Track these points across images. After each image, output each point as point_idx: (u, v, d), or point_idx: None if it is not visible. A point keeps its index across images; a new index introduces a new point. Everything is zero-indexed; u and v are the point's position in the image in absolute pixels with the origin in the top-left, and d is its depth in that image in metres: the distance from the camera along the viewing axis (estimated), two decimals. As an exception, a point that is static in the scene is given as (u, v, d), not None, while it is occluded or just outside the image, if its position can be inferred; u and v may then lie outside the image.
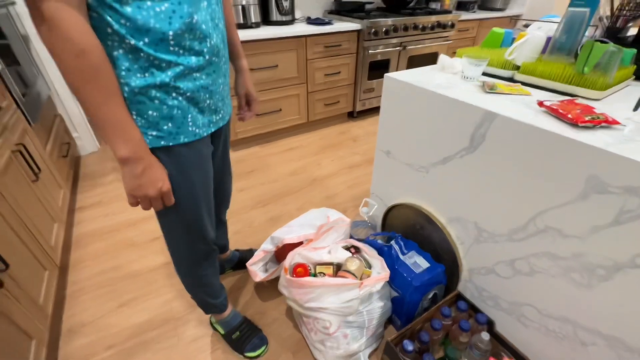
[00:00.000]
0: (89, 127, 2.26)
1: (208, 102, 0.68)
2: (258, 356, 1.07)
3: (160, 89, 0.59)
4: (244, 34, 1.90)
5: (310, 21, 2.36)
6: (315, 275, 1.04)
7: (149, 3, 0.52)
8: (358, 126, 2.73)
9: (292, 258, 1.05)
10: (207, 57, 0.63)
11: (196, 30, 0.59)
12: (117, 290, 1.30)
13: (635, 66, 0.99)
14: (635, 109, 0.78)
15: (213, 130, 0.73)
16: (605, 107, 0.81)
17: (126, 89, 0.56)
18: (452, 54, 3.08)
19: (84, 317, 1.20)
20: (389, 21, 2.39)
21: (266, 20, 2.25)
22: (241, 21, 2.06)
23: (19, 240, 1.05)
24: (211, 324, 1.15)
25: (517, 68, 1.03)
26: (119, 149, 0.55)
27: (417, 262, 1.09)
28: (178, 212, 0.74)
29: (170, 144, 0.64)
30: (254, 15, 2.09)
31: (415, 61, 2.77)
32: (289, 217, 1.69)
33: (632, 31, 1.15)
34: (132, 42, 0.53)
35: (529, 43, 1.00)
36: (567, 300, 0.79)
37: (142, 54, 0.55)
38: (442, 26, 2.69)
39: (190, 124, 0.65)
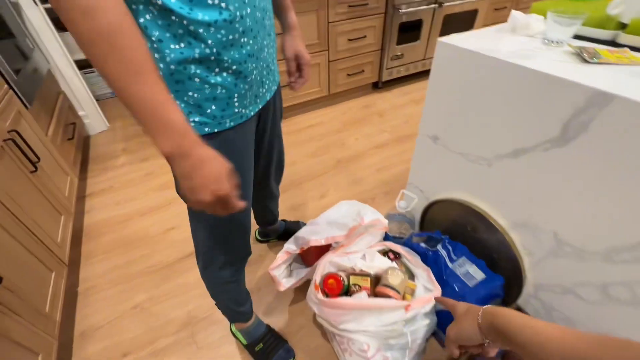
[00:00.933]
0: (96, 104, 2.11)
1: (255, 73, 0.56)
2: None
3: (201, 63, 0.48)
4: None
5: (331, -24, 2.03)
6: (349, 287, 0.89)
7: None
8: (384, 98, 2.46)
9: (321, 269, 0.90)
10: (250, 12, 0.49)
11: None
12: (131, 288, 1.21)
13: None
14: None
15: (260, 106, 0.63)
16: None
17: (161, 65, 0.47)
18: (495, 10, 2.68)
19: (97, 320, 1.12)
20: (425, -28, 2.03)
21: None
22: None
23: (17, 244, 0.94)
24: (232, 332, 1.04)
25: (623, 27, 0.77)
26: (160, 142, 0.41)
27: (470, 272, 0.91)
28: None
29: (216, 129, 0.55)
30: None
31: (453, 21, 2.41)
32: (311, 206, 1.54)
33: None
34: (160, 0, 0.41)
35: (647, -10, 0.73)
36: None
37: (174, 17, 0.43)
38: (485, -23, 2.29)
39: (236, 104, 0.55)
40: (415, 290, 0.87)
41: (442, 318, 0.93)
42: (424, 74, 2.76)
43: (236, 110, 0.56)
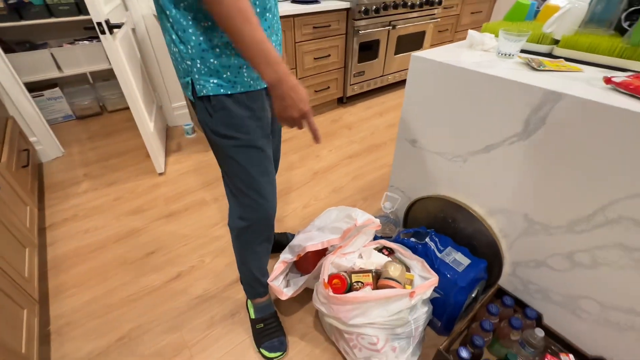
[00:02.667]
0: (49, 128, 1.96)
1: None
2: (271, 359, 1.00)
3: (221, 39, 0.63)
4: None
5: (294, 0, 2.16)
6: (351, 285, 0.93)
7: None
8: (350, 112, 2.60)
9: (327, 269, 0.93)
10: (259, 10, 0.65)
11: None
12: (114, 320, 1.12)
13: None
14: None
15: (265, 86, 0.73)
16: (668, 81, 0.75)
17: (193, 37, 0.62)
18: (439, 32, 3.01)
19: (78, 358, 1.02)
20: (379, -2, 2.24)
21: None
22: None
23: (-15, 279, 0.85)
24: (246, 304, 1.14)
25: (556, 42, 0.95)
26: (265, 73, 0.57)
27: (457, 259, 1.01)
28: (249, 153, 0.76)
29: (229, 92, 0.68)
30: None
31: (405, 41, 2.66)
32: (295, 216, 1.56)
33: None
34: None
35: (571, 14, 0.91)
36: (637, 292, 0.74)
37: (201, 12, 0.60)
38: (429, 3, 2.58)
39: (245, 74, 0.68)
40: (413, 280, 0.93)
41: (436, 306, 1.01)
42: (384, 88, 2.97)
43: (245, 79, 0.68)
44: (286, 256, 1.09)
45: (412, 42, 2.74)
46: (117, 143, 2.18)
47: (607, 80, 0.72)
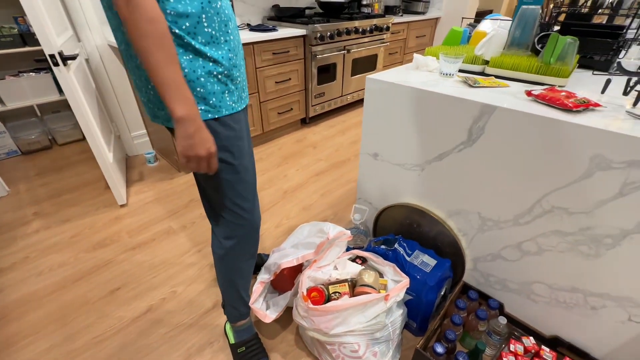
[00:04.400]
0: (-8, 167, 1.81)
1: (239, 79, 0.76)
2: None
3: (205, 71, 0.66)
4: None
5: (252, 28, 2.25)
6: (329, 296, 0.96)
7: None
8: (313, 132, 2.70)
9: (304, 283, 0.95)
10: (232, 39, 0.71)
11: (221, 13, 0.66)
12: (78, 366, 1.04)
13: (578, 55, 1.13)
14: (602, 92, 0.88)
15: (244, 106, 0.79)
16: (574, 91, 0.90)
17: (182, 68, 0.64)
18: (389, 55, 3.26)
19: (38, 414, 0.92)
20: (332, 25, 2.41)
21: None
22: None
23: None
24: (225, 331, 1.12)
25: (486, 62, 1.10)
26: (177, 109, 0.59)
27: (425, 260, 1.08)
28: (234, 170, 0.80)
29: (216, 116, 0.71)
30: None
31: (360, 63, 2.85)
32: (268, 236, 1.57)
33: (556, 27, 1.32)
34: (176, 30, 0.61)
35: (495, 40, 1.07)
36: (576, 272, 0.85)
37: (195, 50, 0.64)
38: (379, 29, 2.81)
39: (227, 98, 0.72)
40: (387, 284, 0.99)
41: (410, 308, 1.07)
42: (344, 107, 3.12)
43: (228, 102, 0.73)
44: (263, 276, 1.10)
45: (367, 64, 2.94)
46: (71, 177, 2.05)
47: (528, 93, 0.86)
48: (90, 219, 1.67)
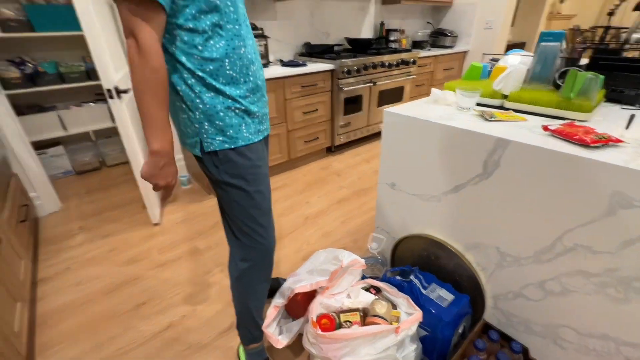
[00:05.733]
0: (51, 184, 2.04)
1: (258, 114, 0.83)
2: None
3: (224, 106, 0.76)
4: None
5: (284, 64, 2.42)
6: (340, 325, 0.96)
7: (211, 42, 0.71)
8: (338, 160, 2.76)
9: (316, 309, 0.96)
10: (252, 80, 0.80)
11: (244, 58, 0.76)
12: (100, 375, 1.10)
13: (604, 90, 1.11)
14: (627, 127, 0.86)
15: (262, 137, 0.86)
16: (596, 127, 0.88)
17: (200, 106, 0.75)
18: (416, 87, 3.32)
19: (61, 418, 0.98)
20: (359, 60, 2.53)
21: (242, 64, 2.27)
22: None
23: (-21, 332, 0.86)
24: (237, 352, 1.14)
25: (505, 97, 1.11)
26: (154, 143, 0.69)
27: (441, 295, 1.05)
28: (249, 196, 0.85)
29: (232, 146, 0.79)
30: (231, 60, 2.10)
31: (385, 95, 2.93)
32: (287, 260, 1.60)
33: (584, 60, 1.31)
34: (200, 73, 0.72)
35: (514, 75, 1.09)
36: (605, 317, 0.79)
37: (216, 89, 0.74)
38: (405, 63, 2.91)
39: (244, 131, 0.80)
40: (399, 317, 0.97)
41: (425, 344, 1.03)
42: (369, 137, 3.18)
43: (245, 134, 0.81)
44: (277, 301, 1.12)
45: (393, 95, 3.02)
46: (115, 196, 2.25)
47: (545, 128, 0.85)
48: (126, 235, 1.81)
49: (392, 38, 3.31)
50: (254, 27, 2.24)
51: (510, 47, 4.22)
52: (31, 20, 2.08)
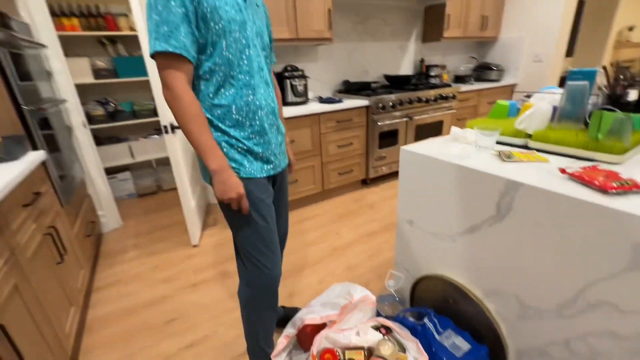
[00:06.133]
0: (116, 204, 2.36)
1: (261, 154, 0.92)
2: None
3: (227, 143, 0.88)
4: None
5: (322, 100, 2.58)
6: (345, 362, 0.94)
7: (222, 90, 0.84)
8: (372, 192, 2.76)
9: (320, 343, 0.97)
10: (259, 124, 0.90)
11: (251, 104, 0.87)
12: (127, 383, 1.20)
13: (646, 130, 1.01)
14: (662, 173, 0.78)
15: (265, 175, 0.94)
16: (629, 171, 0.81)
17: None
18: (457, 120, 3.25)
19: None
20: (394, 96, 2.60)
21: (282, 101, 2.48)
22: (260, 104, 2.28)
23: (35, 328, 1.02)
24: None
25: (530, 136, 1.07)
26: (211, 164, 0.82)
27: (456, 343, 0.98)
28: (252, 227, 0.93)
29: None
30: (272, 99, 2.31)
31: (423, 129, 2.92)
32: (309, 290, 1.61)
33: (633, 96, 1.21)
34: (209, 116, 0.86)
35: (537, 114, 1.05)
36: (644, 391, 0.68)
37: (222, 131, 0.87)
38: (444, 98, 2.89)
39: (247, 166, 0.90)
40: (406, 361, 0.92)
41: (439, 396, 0.95)
42: (406, 171, 3.14)
43: (247, 169, 0.90)
44: (288, 330, 1.14)
45: (431, 129, 2.99)
46: (165, 217, 2.51)
47: (562, 171, 0.81)
48: (169, 255, 1.99)
49: (432, 73, 3.34)
50: (295, 69, 2.45)
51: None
52: (117, 68, 2.54)
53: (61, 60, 1.96)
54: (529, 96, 1.47)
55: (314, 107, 2.36)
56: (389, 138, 2.74)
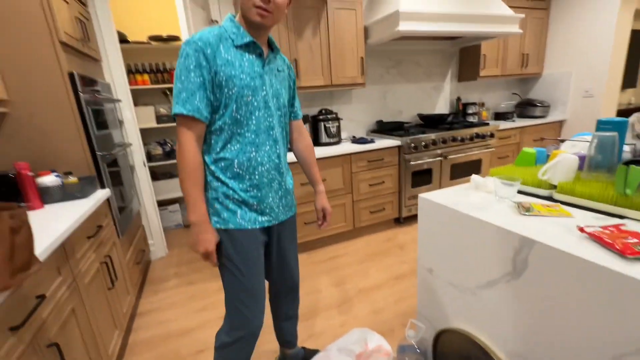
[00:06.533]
0: (164, 234, 2.60)
1: (255, 206, 0.99)
2: None
3: (225, 194, 0.96)
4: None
5: (354, 140, 2.68)
6: (355, 415, 0.93)
7: (228, 145, 0.94)
8: (405, 232, 2.71)
9: (330, 391, 0.97)
10: (257, 178, 0.98)
11: (252, 160, 0.96)
12: (154, 410, 1.28)
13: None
14: (699, 237, 0.71)
15: (258, 226, 1.01)
16: (663, 232, 0.75)
17: (207, 192, 0.98)
18: (498, 159, 3.13)
19: None
20: (427, 136, 2.61)
21: (316, 142, 2.63)
22: (295, 145, 2.44)
23: (84, 348, 1.16)
24: None
25: (555, 187, 1.03)
26: (191, 215, 0.91)
27: (477, 408, 0.92)
28: (235, 275, 0.99)
29: (224, 227, 0.97)
30: (306, 140, 2.47)
31: (459, 168, 2.85)
32: (331, 333, 1.60)
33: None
34: (212, 167, 0.96)
35: (562, 164, 1.02)
36: None
37: (221, 183, 0.97)
38: (481, 137, 2.83)
39: (239, 218, 0.97)
40: (418, 423, 0.88)
41: None
42: (443, 210, 3.04)
43: (238, 221, 0.97)
44: (305, 373, 1.15)
45: (469, 168, 2.91)
46: (205, 248, 2.69)
47: (581, 230, 0.77)
48: (205, 285, 2.13)
49: (470, 111, 3.30)
50: (329, 112, 2.61)
51: (627, 112, 3.63)
52: (175, 115, 2.91)
53: (131, 110, 2.33)
54: (562, 141, 1.42)
55: (346, 147, 2.46)
56: (423, 176, 2.72)
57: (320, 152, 2.33)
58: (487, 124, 2.93)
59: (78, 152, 1.60)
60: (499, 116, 3.48)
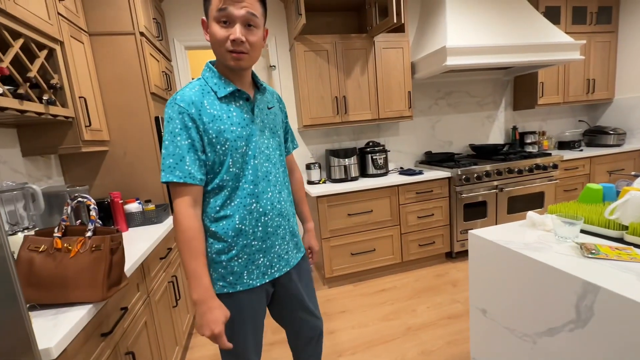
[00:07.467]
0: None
1: (261, 261, 0.93)
2: None
3: (228, 256, 0.90)
4: (344, 186, 2.30)
5: (402, 172, 2.68)
6: None
7: (227, 201, 0.88)
8: (457, 268, 2.56)
9: None
10: (261, 229, 0.92)
11: (254, 212, 0.90)
12: None
13: None
14: None
15: (267, 280, 0.95)
16: None
17: (208, 256, 0.91)
18: (564, 192, 2.86)
19: None
20: (479, 167, 2.51)
21: (363, 173, 2.68)
22: (343, 176, 2.53)
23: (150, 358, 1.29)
24: None
25: (625, 228, 0.95)
26: (193, 293, 0.81)
27: None
28: (238, 343, 0.92)
29: (231, 291, 0.91)
30: (354, 171, 2.55)
31: (517, 201, 2.66)
32: (378, 372, 1.55)
33: None
34: (213, 229, 0.88)
35: (633, 202, 0.94)
36: None
37: (218, 235, 0.89)
38: (542, 167, 2.64)
39: (245, 278, 0.91)
40: None
41: None
42: (500, 246, 2.82)
43: (245, 280, 0.91)
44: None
45: (530, 201, 2.70)
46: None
47: (656, 278, 0.70)
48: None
49: (528, 141, 3.12)
50: (376, 144, 2.67)
51: None
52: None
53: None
54: (637, 175, 1.31)
55: (393, 178, 2.47)
56: (477, 210, 2.59)
57: (367, 183, 2.38)
58: (549, 154, 2.73)
59: (156, 183, 1.86)
60: (564, 145, 3.22)
